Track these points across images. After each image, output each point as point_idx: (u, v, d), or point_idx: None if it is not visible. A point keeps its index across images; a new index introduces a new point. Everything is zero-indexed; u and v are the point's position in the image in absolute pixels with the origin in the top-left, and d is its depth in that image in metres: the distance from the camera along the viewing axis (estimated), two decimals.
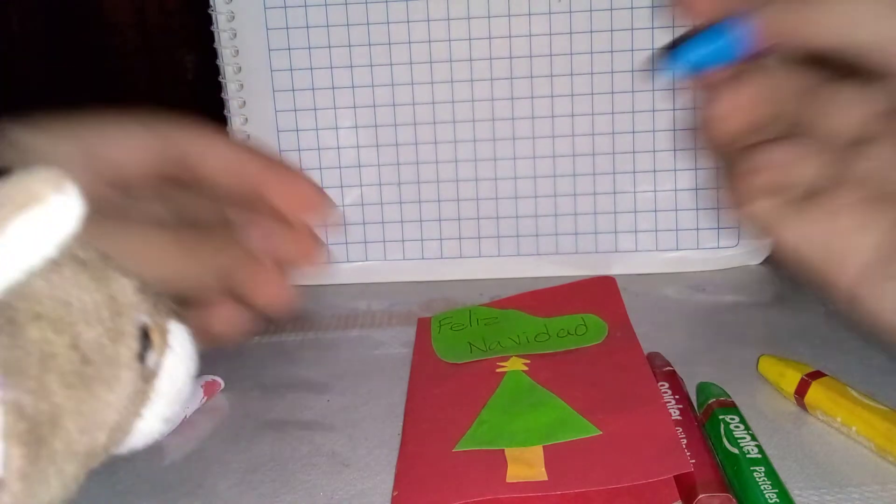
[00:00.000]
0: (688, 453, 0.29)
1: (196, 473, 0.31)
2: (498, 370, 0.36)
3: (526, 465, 0.29)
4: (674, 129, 0.48)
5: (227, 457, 0.32)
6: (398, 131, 0.49)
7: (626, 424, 0.31)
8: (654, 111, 0.48)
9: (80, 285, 0.17)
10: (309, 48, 0.48)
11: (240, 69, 0.48)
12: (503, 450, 0.30)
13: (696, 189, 0.49)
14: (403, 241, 0.50)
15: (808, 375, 0.33)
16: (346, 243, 0.50)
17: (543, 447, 0.30)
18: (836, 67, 0.26)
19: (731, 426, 0.30)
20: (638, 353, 0.37)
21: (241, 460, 0.32)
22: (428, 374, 0.37)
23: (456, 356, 0.39)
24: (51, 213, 0.15)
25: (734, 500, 0.27)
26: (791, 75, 0.27)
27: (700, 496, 0.27)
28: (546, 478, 0.28)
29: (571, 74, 0.48)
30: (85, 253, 0.17)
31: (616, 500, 0.27)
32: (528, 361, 0.37)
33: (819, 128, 0.26)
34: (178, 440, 0.34)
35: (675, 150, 0.48)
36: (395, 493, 0.29)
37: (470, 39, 0.48)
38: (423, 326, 0.43)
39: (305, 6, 0.48)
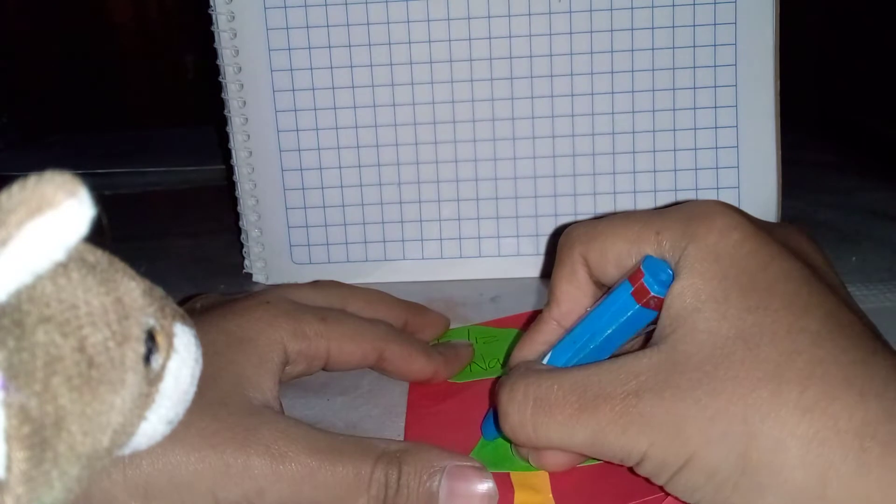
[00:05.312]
0: None
1: None
2: None
3: (533, 491, 0.29)
4: (673, 130, 0.48)
5: None
6: (398, 131, 0.49)
7: None
8: (654, 111, 0.48)
9: (87, 288, 0.17)
10: (309, 48, 0.48)
11: (240, 69, 0.48)
12: (508, 473, 0.30)
13: (696, 189, 0.49)
14: (403, 241, 0.50)
15: None
16: (346, 243, 0.50)
17: (549, 472, 0.30)
18: None
19: None
20: None
21: None
22: (427, 392, 0.37)
23: (456, 375, 0.38)
24: (63, 217, 0.15)
25: None
26: None
27: None
28: (554, 503, 0.28)
29: (571, 74, 0.48)
30: (93, 256, 0.17)
31: None
32: None
33: None
34: None
35: (674, 150, 0.48)
36: None
37: (470, 39, 0.48)
38: None
39: (305, 6, 0.48)
